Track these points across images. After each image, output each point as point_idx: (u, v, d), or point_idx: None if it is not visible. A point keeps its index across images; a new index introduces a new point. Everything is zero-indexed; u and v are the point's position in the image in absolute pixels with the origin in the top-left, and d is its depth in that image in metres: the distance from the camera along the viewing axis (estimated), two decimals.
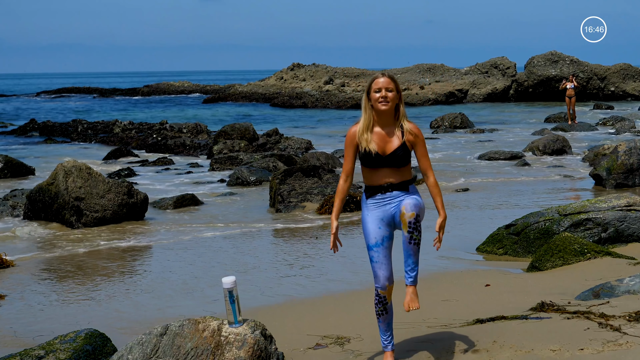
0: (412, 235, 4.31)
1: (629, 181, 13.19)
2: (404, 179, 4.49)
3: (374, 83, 4.49)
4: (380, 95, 4.45)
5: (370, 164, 4.48)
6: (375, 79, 4.50)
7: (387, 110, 4.47)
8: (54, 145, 24.99)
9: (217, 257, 8.80)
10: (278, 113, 40.53)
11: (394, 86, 4.48)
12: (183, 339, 4.46)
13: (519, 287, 6.59)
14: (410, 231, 4.30)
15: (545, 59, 45.93)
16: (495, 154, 18.48)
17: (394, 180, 4.47)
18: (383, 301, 4.51)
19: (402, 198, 4.45)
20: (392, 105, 4.47)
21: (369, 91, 4.51)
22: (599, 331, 4.74)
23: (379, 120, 4.50)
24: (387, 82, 4.47)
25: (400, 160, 4.45)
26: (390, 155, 4.45)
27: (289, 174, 12.61)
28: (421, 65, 53.11)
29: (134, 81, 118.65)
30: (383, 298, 4.50)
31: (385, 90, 4.45)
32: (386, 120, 4.50)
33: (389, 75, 4.50)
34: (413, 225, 4.30)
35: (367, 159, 4.47)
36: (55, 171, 11.22)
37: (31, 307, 6.89)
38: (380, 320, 4.57)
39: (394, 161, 4.45)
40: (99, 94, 68.07)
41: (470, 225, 10.17)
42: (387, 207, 4.48)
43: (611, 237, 8.06)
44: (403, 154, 4.45)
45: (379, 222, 4.49)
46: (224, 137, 21.71)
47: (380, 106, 4.45)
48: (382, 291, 4.49)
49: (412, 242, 4.32)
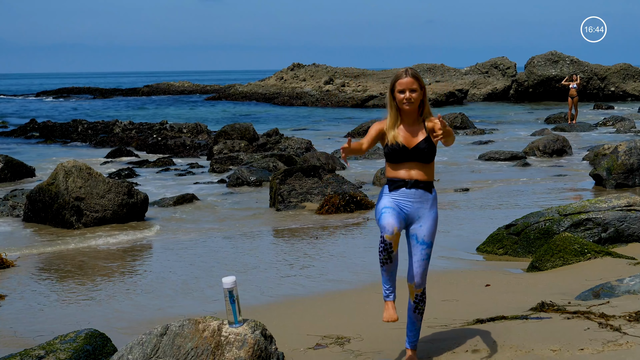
0: (417, 305, 4.55)
1: (629, 181, 13.19)
2: (429, 178, 4.48)
3: (397, 83, 4.44)
4: (404, 97, 4.42)
5: (395, 158, 4.45)
6: (398, 79, 4.44)
7: (412, 109, 4.47)
8: (54, 146, 25.00)
9: (217, 257, 8.80)
10: (279, 112, 40.52)
11: (418, 85, 4.43)
12: (183, 339, 4.46)
13: (519, 287, 6.58)
14: (417, 302, 4.54)
15: (545, 59, 45.92)
16: (496, 154, 18.48)
17: (420, 178, 4.45)
18: (388, 248, 4.26)
19: (422, 209, 4.45)
20: (417, 104, 4.47)
21: (393, 90, 4.47)
22: (599, 331, 4.74)
23: (404, 118, 4.51)
24: (410, 83, 4.41)
25: (425, 154, 4.43)
26: (415, 148, 4.43)
27: (289, 174, 12.61)
28: (421, 65, 53.11)
29: (134, 81, 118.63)
30: (389, 245, 4.26)
31: (409, 92, 4.42)
32: (411, 118, 4.51)
33: (412, 74, 4.43)
34: (419, 297, 4.53)
35: (393, 153, 4.44)
36: (56, 171, 11.22)
37: (31, 307, 6.89)
38: (384, 269, 4.35)
39: (419, 155, 4.43)
40: (99, 94, 68.04)
41: (470, 225, 10.16)
42: (408, 209, 4.43)
43: (611, 237, 8.06)
44: (427, 147, 4.43)
45: (395, 206, 4.40)
46: (224, 137, 21.71)
47: (405, 107, 4.45)
48: (388, 236, 4.25)
49: (417, 312, 4.57)
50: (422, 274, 4.47)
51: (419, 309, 4.53)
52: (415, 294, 4.50)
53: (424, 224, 4.47)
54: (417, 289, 4.48)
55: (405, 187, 4.44)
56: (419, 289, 4.49)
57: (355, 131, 25.80)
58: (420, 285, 4.48)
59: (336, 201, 11.50)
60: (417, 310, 4.53)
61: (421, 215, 4.47)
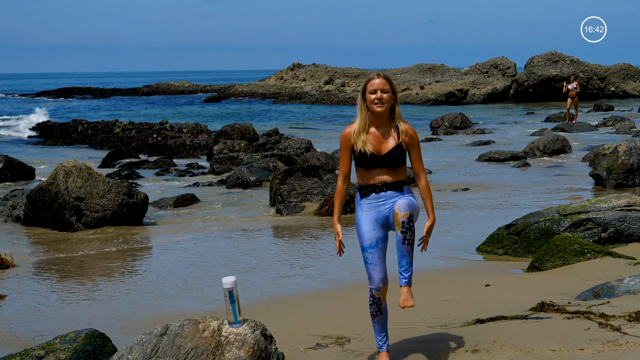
0: (405, 235, 4.29)
1: (629, 181, 13.19)
2: (399, 179, 4.50)
3: (369, 84, 4.49)
4: (375, 97, 4.45)
5: (365, 165, 4.48)
6: (370, 80, 4.50)
7: (383, 112, 4.47)
8: (53, 146, 25.00)
9: (217, 257, 8.79)
10: (280, 109, 40.54)
11: (390, 87, 4.48)
12: (183, 339, 4.46)
13: (519, 287, 6.58)
14: (404, 231, 4.29)
15: (545, 59, 45.93)
16: (495, 154, 18.48)
17: (389, 180, 4.47)
18: (377, 302, 4.50)
19: (395, 199, 4.45)
20: (388, 106, 4.48)
21: (365, 92, 4.50)
22: (599, 331, 4.74)
23: (374, 121, 4.51)
24: (382, 84, 4.46)
25: (395, 160, 4.46)
26: (386, 156, 4.45)
27: (289, 174, 12.61)
28: (421, 65, 53.11)
29: (134, 81, 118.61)
30: (377, 299, 4.49)
31: (380, 92, 4.45)
32: (382, 121, 4.51)
33: (384, 76, 4.49)
34: (406, 225, 4.29)
35: (363, 159, 4.47)
36: (56, 171, 11.22)
37: (31, 307, 6.89)
38: (375, 321, 4.56)
39: (390, 161, 4.46)
40: (99, 94, 68.04)
41: (470, 225, 10.16)
42: (382, 208, 4.47)
43: (611, 237, 8.06)
44: (398, 154, 4.46)
45: (373, 224, 4.49)
46: (224, 137, 21.72)
47: (375, 107, 4.45)
48: (376, 292, 4.48)
49: (405, 242, 4.30)
50: (405, 204, 4.32)
51: (408, 239, 4.30)
52: (401, 222, 4.28)
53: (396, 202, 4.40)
54: (402, 212, 4.29)
55: (375, 192, 4.49)
56: (404, 212, 4.28)
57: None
58: (405, 209, 4.29)
59: None
60: (405, 241, 4.30)
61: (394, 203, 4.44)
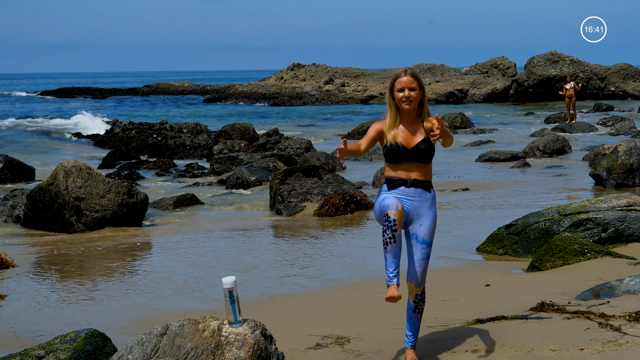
0: (417, 305, 4.55)
1: (629, 181, 13.19)
2: (427, 178, 4.50)
3: (396, 82, 4.46)
4: (403, 95, 4.44)
5: (395, 158, 4.45)
6: (397, 78, 4.47)
7: (411, 109, 4.48)
8: (54, 146, 25.00)
9: (218, 257, 8.79)
10: (280, 110, 40.53)
11: (417, 84, 4.45)
12: (183, 339, 4.46)
13: (519, 287, 6.58)
14: (416, 301, 4.54)
15: (545, 59, 45.92)
16: (495, 154, 18.48)
17: (418, 177, 4.46)
18: (392, 226, 4.18)
19: (423, 202, 4.46)
20: (416, 103, 4.48)
21: (392, 89, 4.49)
22: (599, 331, 4.74)
23: (403, 117, 4.51)
24: (409, 81, 4.44)
25: (424, 154, 4.44)
26: (414, 149, 4.44)
27: (289, 174, 12.61)
28: (421, 65, 53.09)
29: (134, 81, 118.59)
30: (393, 222, 4.19)
31: (408, 90, 4.44)
32: (410, 117, 4.52)
33: (411, 74, 4.46)
34: (419, 297, 4.53)
35: (392, 153, 4.44)
36: (55, 171, 11.22)
37: (31, 307, 6.89)
38: (388, 250, 4.20)
39: (418, 155, 4.44)
40: (99, 93, 68.01)
41: (470, 225, 10.16)
42: (407, 205, 4.43)
43: (611, 237, 8.06)
44: (426, 147, 4.45)
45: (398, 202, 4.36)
46: (224, 137, 21.71)
47: (404, 106, 4.45)
48: (393, 212, 4.20)
49: (416, 311, 4.56)
50: (422, 273, 4.47)
51: (419, 309, 4.54)
52: (415, 294, 4.50)
53: (423, 223, 4.47)
54: (417, 288, 4.49)
55: (405, 185, 4.45)
56: (419, 288, 4.49)
57: (355, 131, 25.81)
58: (420, 284, 4.49)
59: (336, 201, 11.49)
60: (416, 310, 4.53)
61: (420, 214, 4.48)
